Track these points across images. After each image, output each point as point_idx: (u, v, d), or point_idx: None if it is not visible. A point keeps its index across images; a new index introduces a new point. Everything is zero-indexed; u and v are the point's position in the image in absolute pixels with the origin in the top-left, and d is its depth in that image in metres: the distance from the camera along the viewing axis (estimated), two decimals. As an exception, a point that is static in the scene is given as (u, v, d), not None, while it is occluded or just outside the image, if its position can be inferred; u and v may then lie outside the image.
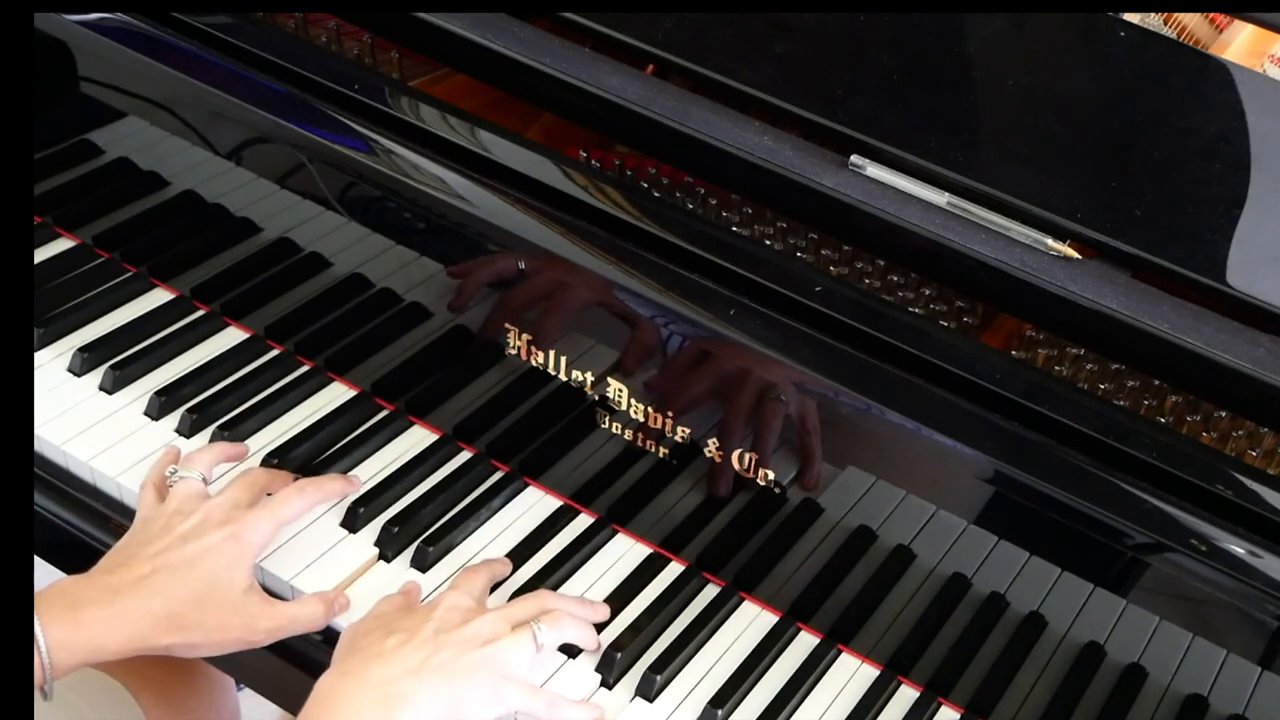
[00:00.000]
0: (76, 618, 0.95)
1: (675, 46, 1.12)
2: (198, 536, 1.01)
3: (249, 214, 1.23)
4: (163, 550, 1.00)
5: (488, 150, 1.09)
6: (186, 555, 0.99)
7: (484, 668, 0.96)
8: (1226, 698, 0.94)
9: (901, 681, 1.07)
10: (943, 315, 1.06)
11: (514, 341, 1.12)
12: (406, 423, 1.21)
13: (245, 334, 1.27)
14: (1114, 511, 0.91)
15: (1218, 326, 0.97)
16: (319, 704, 0.92)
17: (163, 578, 0.98)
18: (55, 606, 0.95)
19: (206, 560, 1.00)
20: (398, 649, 0.94)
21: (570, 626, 1.02)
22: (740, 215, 1.12)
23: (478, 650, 0.96)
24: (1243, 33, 1.16)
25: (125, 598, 0.97)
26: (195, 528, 1.01)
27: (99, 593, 0.97)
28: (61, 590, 0.97)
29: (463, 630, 0.97)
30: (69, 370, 1.22)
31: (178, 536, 1.01)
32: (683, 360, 1.05)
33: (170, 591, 0.98)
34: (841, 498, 1.03)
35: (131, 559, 1.00)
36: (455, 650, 0.95)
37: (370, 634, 0.96)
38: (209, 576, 0.99)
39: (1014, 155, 1.05)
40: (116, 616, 0.96)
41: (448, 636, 0.96)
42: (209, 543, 1.00)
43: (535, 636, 0.99)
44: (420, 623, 0.97)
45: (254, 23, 1.19)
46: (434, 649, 0.95)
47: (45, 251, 1.33)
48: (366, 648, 0.95)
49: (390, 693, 0.92)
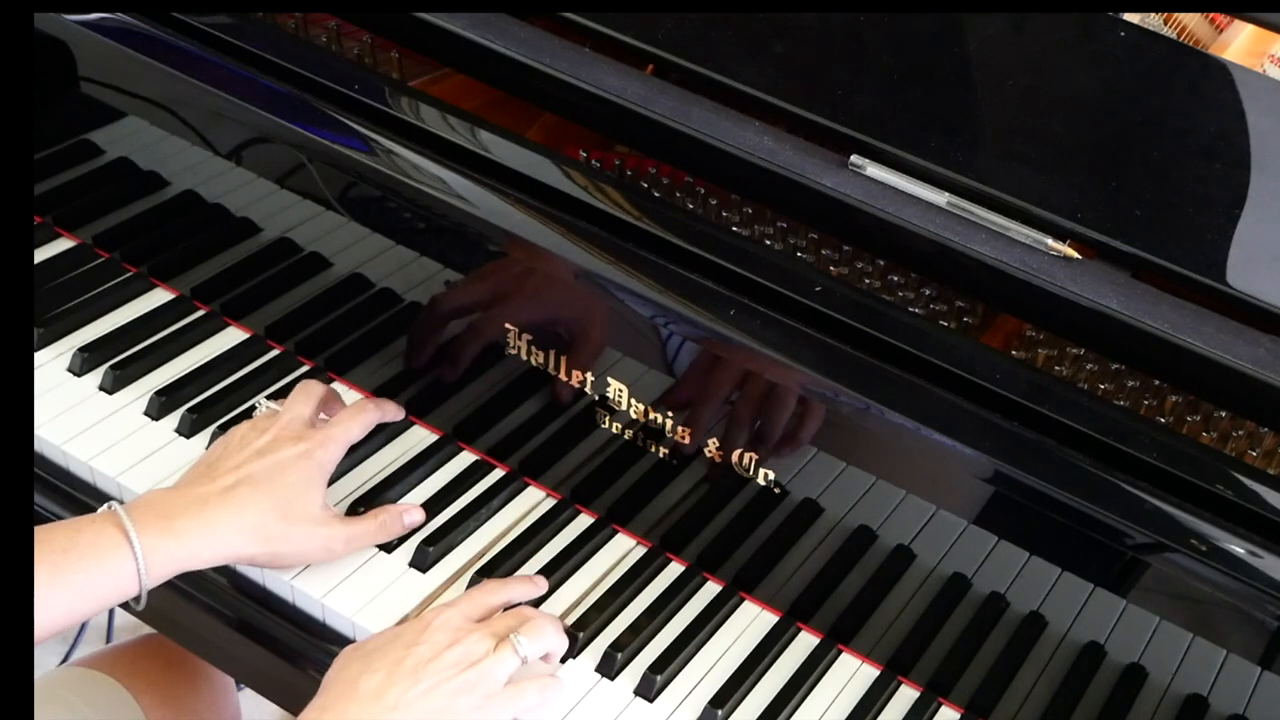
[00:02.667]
0: (170, 526, 0.98)
1: (675, 46, 1.12)
2: (274, 451, 1.05)
3: (249, 214, 1.23)
4: (243, 463, 1.04)
5: (488, 150, 1.09)
6: (266, 468, 1.04)
7: (466, 692, 0.95)
8: (1226, 698, 0.94)
9: (901, 681, 1.07)
10: (943, 315, 1.06)
11: (514, 341, 1.12)
12: (407, 423, 1.21)
13: (245, 334, 1.28)
14: (1114, 511, 0.91)
15: (1218, 326, 0.97)
16: None
17: (247, 489, 1.02)
18: (148, 515, 0.98)
19: (286, 474, 1.04)
20: (380, 687, 0.94)
21: (550, 635, 1.02)
22: (740, 215, 1.12)
23: (461, 676, 0.95)
24: (1243, 33, 1.16)
25: (213, 508, 1.00)
26: (270, 443, 1.06)
27: (189, 503, 1.00)
28: (152, 501, 1.01)
29: (443, 658, 0.96)
30: (69, 370, 1.22)
31: (255, 451, 1.05)
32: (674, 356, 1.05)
33: (255, 503, 1.02)
34: (841, 498, 1.03)
35: (214, 471, 1.04)
36: (437, 679, 0.95)
37: (352, 667, 0.96)
38: (289, 490, 1.03)
39: (1014, 155, 1.05)
40: (208, 525, 1.00)
41: (428, 668, 0.95)
42: (284, 457, 1.05)
43: (516, 650, 0.98)
44: (402, 657, 0.96)
45: (254, 23, 1.19)
46: (414, 682, 0.94)
47: (45, 251, 1.33)
48: (347, 684, 0.94)
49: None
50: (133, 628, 1.92)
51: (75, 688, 1.19)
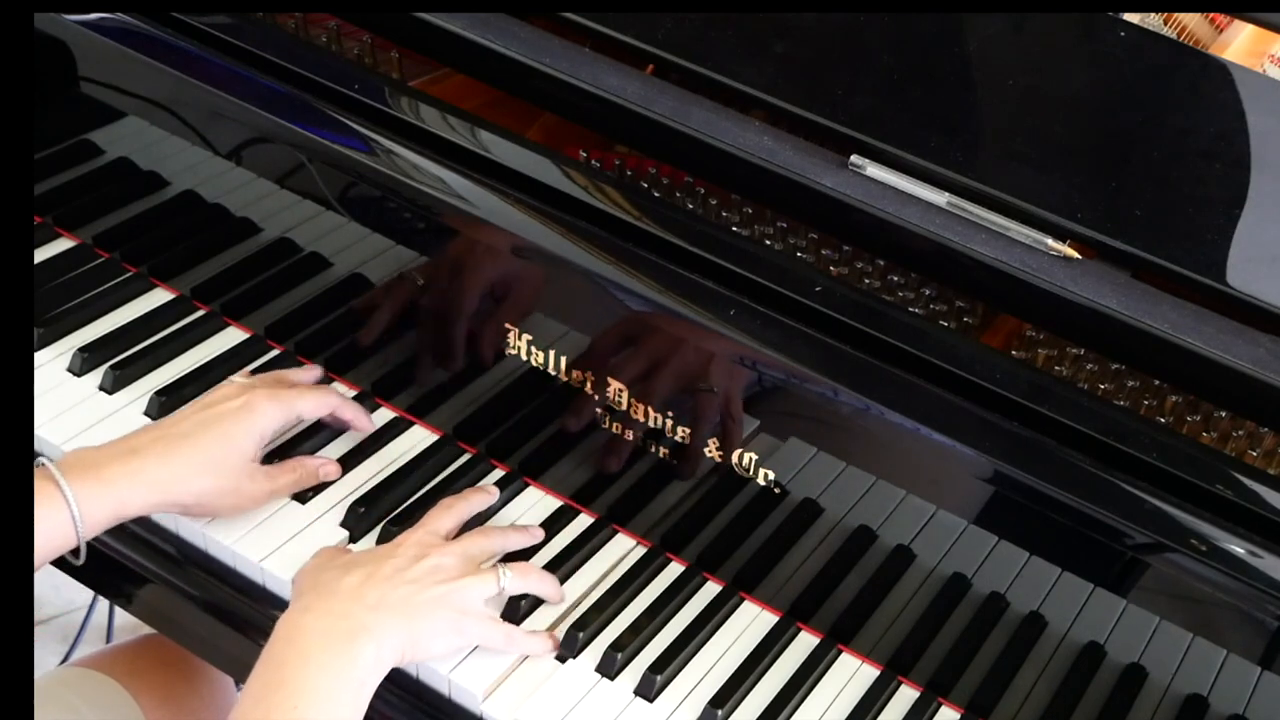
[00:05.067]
0: (99, 475, 1.01)
1: (675, 46, 1.12)
2: (213, 404, 1.08)
3: (249, 214, 1.23)
4: (180, 419, 1.07)
5: (488, 150, 1.09)
6: (202, 419, 1.07)
7: (444, 604, 0.99)
8: (1226, 698, 0.94)
9: (901, 681, 1.07)
10: (943, 315, 1.06)
11: (514, 341, 1.12)
12: (407, 423, 1.21)
13: (245, 334, 1.27)
14: (1114, 511, 0.91)
15: (1218, 326, 0.97)
16: (282, 640, 0.94)
17: (175, 440, 1.05)
18: (76, 468, 1.01)
19: (217, 425, 1.06)
20: (359, 586, 0.97)
21: (537, 580, 1.06)
22: (740, 215, 1.12)
23: (438, 586, 0.99)
24: (1243, 33, 1.16)
25: (143, 456, 1.03)
26: (212, 399, 1.10)
27: (118, 453, 1.03)
28: (80, 455, 1.03)
29: (421, 565, 1.00)
30: (69, 370, 1.22)
31: (197, 405, 1.09)
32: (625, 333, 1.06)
33: (185, 449, 1.04)
34: (841, 498, 1.03)
35: (151, 427, 1.08)
36: (415, 586, 0.99)
37: (329, 571, 1.00)
38: (219, 442, 1.06)
39: (1014, 155, 1.05)
40: (137, 472, 1.02)
41: (406, 573, 0.99)
42: (223, 409, 1.07)
43: (499, 580, 1.03)
44: (381, 561, 1.00)
45: (254, 23, 1.19)
46: (392, 586, 0.98)
47: (45, 251, 1.32)
48: (325, 585, 0.98)
49: (350, 626, 0.95)
50: (133, 628, 1.92)
51: (75, 688, 1.19)
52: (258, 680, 0.92)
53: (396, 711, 1.04)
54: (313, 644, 0.93)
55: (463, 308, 1.14)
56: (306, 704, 0.90)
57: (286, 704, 0.90)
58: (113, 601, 1.45)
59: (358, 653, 0.93)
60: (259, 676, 0.92)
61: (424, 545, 1.03)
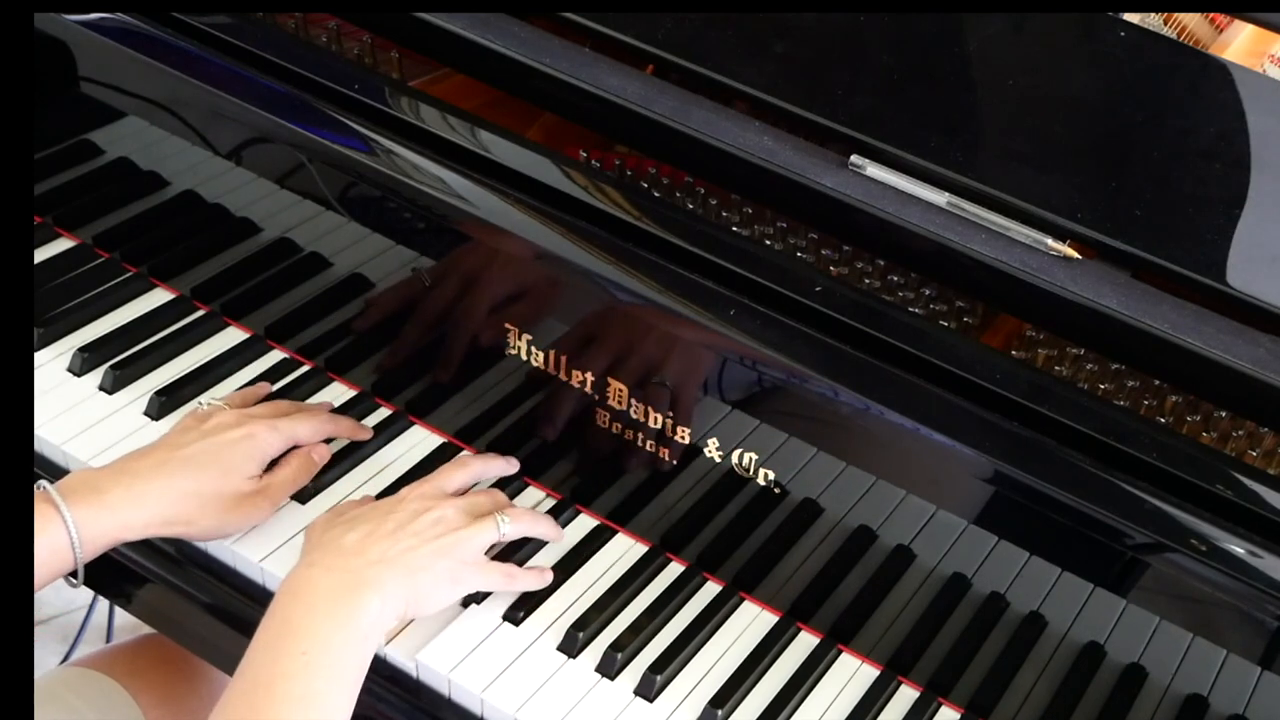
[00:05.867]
0: (101, 499, 1.01)
1: (675, 46, 1.12)
2: (216, 433, 1.08)
3: (249, 214, 1.23)
4: (182, 444, 1.07)
5: (488, 150, 1.09)
6: (205, 446, 1.07)
7: (444, 555, 1.01)
8: (1226, 698, 0.94)
9: (901, 681, 1.07)
10: (943, 315, 1.06)
11: (514, 341, 1.12)
12: (407, 423, 1.21)
13: (245, 334, 1.27)
14: (1114, 511, 0.91)
15: (1218, 326, 0.97)
16: (289, 594, 0.96)
17: (177, 465, 1.05)
18: (79, 491, 1.01)
19: (221, 455, 1.07)
20: (361, 542, 0.99)
21: (532, 522, 1.10)
22: (740, 215, 1.12)
23: (439, 539, 1.02)
24: (1243, 33, 1.16)
25: (145, 480, 1.03)
26: (213, 426, 1.09)
27: (120, 475, 1.04)
28: (84, 477, 1.03)
29: (422, 519, 1.02)
30: (69, 370, 1.22)
31: (198, 432, 1.09)
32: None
33: (188, 473, 1.05)
34: (841, 498, 1.03)
35: (153, 448, 1.08)
36: (416, 540, 1.01)
37: (334, 528, 1.01)
38: (221, 469, 1.06)
39: (1014, 155, 1.05)
40: (139, 496, 1.03)
41: (408, 528, 1.01)
42: (226, 438, 1.08)
43: (499, 526, 1.06)
44: (384, 517, 1.02)
45: (254, 23, 1.19)
46: (394, 541, 1.00)
47: (45, 251, 1.32)
48: (330, 542, 1.00)
49: (355, 580, 0.96)
50: (132, 628, 1.92)
51: (75, 688, 1.19)
52: (266, 631, 0.94)
53: (397, 712, 1.04)
54: (319, 597, 0.95)
55: (463, 308, 1.14)
56: (316, 650, 0.92)
57: (295, 649, 0.92)
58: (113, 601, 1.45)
59: (363, 605, 0.95)
60: (266, 628, 0.94)
61: (427, 498, 1.05)
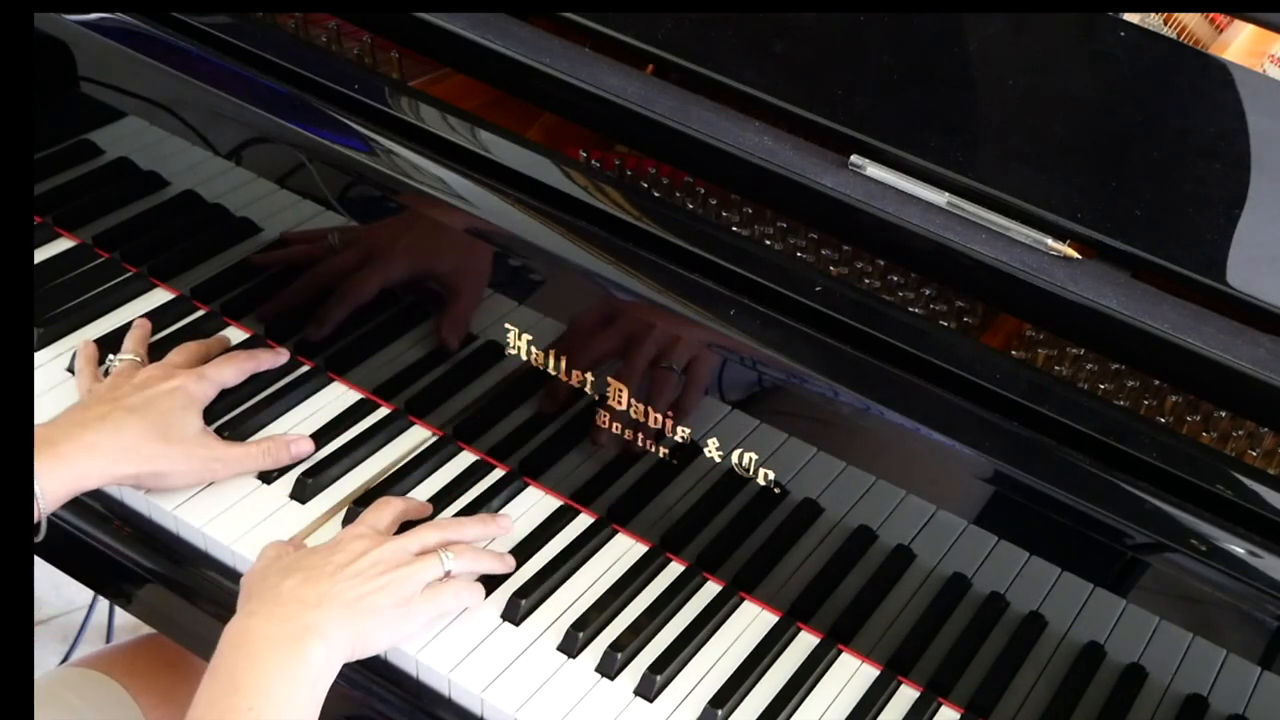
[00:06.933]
0: (55, 451, 1.04)
1: (675, 46, 1.12)
2: (148, 386, 1.11)
3: (249, 214, 1.23)
4: (119, 396, 1.10)
5: (488, 150, 1.09)
6: (143, 398, 1.10)
7: (386, 593, 0.99)
8: (1226, 698, 0.94)
9: (901, 681, 1.07)
10: (943, 315, 1.06)
11: (514, 341, 1.12)
12: (407, 422, 1.21)
13: (245, 334, 1.27)
14: (1114, 511, 0.91)
15: (1218, 326, 0.97)
16: (231, 646, 0.94)
17: (123, 414, 1.08)
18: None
19: (159, 402, 1.10)
20: (299, 587, 0.97)
21: (476, 557, 1.07)
22: (740, 215, 1.12)
23: (380, 577, 1.00)
24: (1243, 33, 1.16)
25: (93, 431, 1.06)
26: (144, 379, 1.12)
27: (68, 427, 1.07)
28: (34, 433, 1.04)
29: (362, 561, 1.00)
30: (69, 370, 1.22)
31: (131, 385, 1.11)
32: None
33: (132, 425, 1.07)
34: (841, 498, 1.03)
35: (89, 403, 1.10)
36: (356, 580, 0.99)
37: (271, 575, 0.99)
38: (164, 416, 1.09)
39: (1014, 155, 1.05)
40: (90, 448, 1.05)
41: (346, 569, 0.99)
42: (158, 390, 1.11)
43: (443, 563, 1.03)
44: (320, 561, 1.00)
45: (254, 23, 1.19)
46: (333, 583, 0.98)
47: (45, 251, 1.32)
48: (269, 590, 0.98)
49: (297, 627, 0.95)
50: (132, 628, 1.92)
51: (75, 688, 1.19)
52: (209, 687, 0.92)
53: (397, 712, 1.04)
54: (261, 648, 0.93)
55: (462, 308, 1.14)
56: (261, 704, 0.91)
57: (242, 705, 0.90)
58: (113, 601, 1.46)
59: (308, 653, 0.93)
60: (210, 684, 0.92)
61: (365, 538, 1.03)
